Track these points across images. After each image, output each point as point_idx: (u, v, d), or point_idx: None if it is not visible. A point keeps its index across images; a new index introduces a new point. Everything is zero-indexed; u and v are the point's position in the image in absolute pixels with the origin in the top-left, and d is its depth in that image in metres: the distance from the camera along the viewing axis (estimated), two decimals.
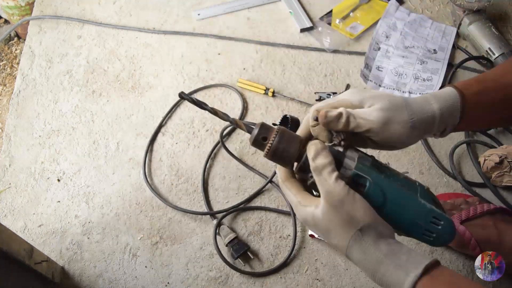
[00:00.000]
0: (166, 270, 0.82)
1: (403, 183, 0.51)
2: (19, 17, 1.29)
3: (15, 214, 0.88)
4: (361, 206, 0.47)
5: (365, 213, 0.47)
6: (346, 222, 0.47)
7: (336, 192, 0.47)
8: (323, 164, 0.48)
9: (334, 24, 1.17)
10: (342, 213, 0.47)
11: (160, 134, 0.99)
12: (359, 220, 0.47)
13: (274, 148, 0.51)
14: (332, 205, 0.47)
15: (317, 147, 0.49)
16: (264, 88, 1.03)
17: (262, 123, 0.53)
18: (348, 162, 0.50)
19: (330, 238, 0.49)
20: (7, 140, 0.98)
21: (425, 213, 0.49)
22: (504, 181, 0.88)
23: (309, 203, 0.50)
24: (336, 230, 0.48)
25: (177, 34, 1.16)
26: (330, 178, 0.48)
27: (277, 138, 0.51)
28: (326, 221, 0.48)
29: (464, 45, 1.14)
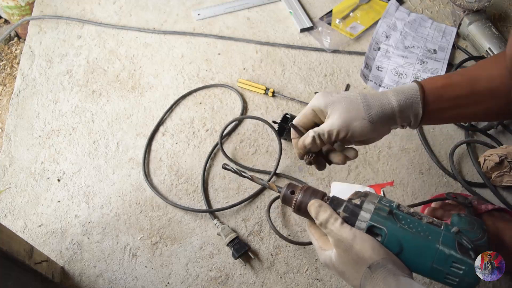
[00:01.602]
0: (166, 270, 0.82)
1: (423, 229, 0.53)
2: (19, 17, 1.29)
3: (15, 214, 0.88)
4: (369, 246, 0.50)
5: (373, 252, 0.50)
6: (356, 262, 0.50)
7: (343, 238, 0.51)
8: (325, 218, 0.54)
9: (334, 24, 1.17)
10: (352, 255, 0.51)
11: (160, 134, 0.99)
12: (367, 259, 0.50)
13: (299, 203, 0.58)
14: (342, 250, 0.52)
15: (315, 206, 0.55)
16: (264, 88, 1.03)
17: (290, 183, 0.61)
18: (363, 215, 0.54)
19: (346, 279, 0.53)
20: (7, 140, 0.98)
21: (444, 259, 0.51)
22: (504, 181, 0.88)
23: (328, 247, 0.54)
24: (348, 271, 0.52)
25: (177, 34, 1.16)
26: (334, 227, 0.52)
27: (301, 194, 0.58)
28: (340, 263, 0.52)
29: (464, 45, 1.14)
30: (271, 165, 0.94)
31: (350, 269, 0.51)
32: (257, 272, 0.82)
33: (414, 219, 0.54)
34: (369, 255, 0.49)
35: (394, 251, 0.52)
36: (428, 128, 0.99)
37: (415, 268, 0.53)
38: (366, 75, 1.07)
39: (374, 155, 0.95)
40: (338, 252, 0.52)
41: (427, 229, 0.53)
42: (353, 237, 0.51)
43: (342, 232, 0.52)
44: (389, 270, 0.49)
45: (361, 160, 0.94)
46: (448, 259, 0.51)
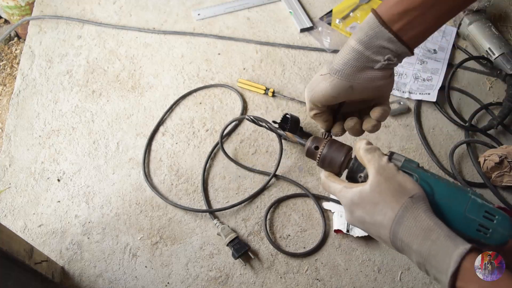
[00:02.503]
0: (166, 270, 0.82)
1: (452, 184, 0.52)
2: (19, 17, 1.29)
3: (15, 214, 0.88)
4: (411, 181, 0.50)
5: (415, 186, 0.49)
6: (398, 191, 0.49)
7: (388, 167, 0.50)
8: (374, 147, 0.53)
9: (334, 24, 1.17)
10: (394, 184, 0.49)
11: (160, 134, 0.99)
12: (410, 190, 0.49)
13: (323, 156, 0.57)
14: (384, 177, 0.50)
15: (368, 141, 0.54)
16: (264, 88, 1.03)
17: (314, 137, 0.59)
18: (395, 162, 0.53)
19: (377, 211, 0.50)
20: (7, 140, 0.98)
21: (477, 207, 0.49)
22: (504, 181, 0.88)
23: (355, 186, 0.52)
24: (386, 201, 0.49)
25: (177, 34, 1.16)
26: (381, 159, 0.51)
27: (326, 148, 0.57)
28: (376, 193, 0.50)
29: (464, 45, 1.14)
30: (271, 165, 0.94)
31: (390, 197, 0.49)
32: (257, 272, 0.82)
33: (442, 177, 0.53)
34: (412, 187, 0.49)
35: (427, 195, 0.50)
36: (428, 128, 0.99)
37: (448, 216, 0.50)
38: None
39: None
40: (378, 180, 0.50)
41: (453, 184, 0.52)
42: (396, 171, 0.50)
43: (389, 164, 0.51)
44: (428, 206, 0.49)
45: None
46: (481, 208, 0.49)
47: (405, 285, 0.80)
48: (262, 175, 0.92)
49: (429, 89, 1.04)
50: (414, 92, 1.04)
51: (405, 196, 0.48)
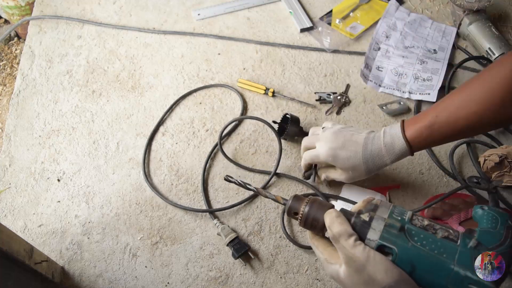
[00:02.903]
0: (166, 270, 0.82)
1: (438, 246, 0.49)
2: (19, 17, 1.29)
3: (15, 214, 0.88)
4: (383, 268, 0.48)
5: (386, 274, 0.47)
6: (367, 284, 0.48)
7: (356, 257, 0.49)
8: (338, 232, 0.50)
9: (334, 24, 1.17)
10: (364, 276, 0.48)
11: (160, 134, 0.99)
12: (380, 282, 0.48)
13: (306, 216, 0.56)
14: (354, 269, 0.49)
15: (331, 216, 0.52)
16: (264, 88, 1.03)
17: (295, 195, 0.58)
18: (372, 234, 0.50)
19: None
20: (7, 140, 0.98)
21: (460, 280, 0.48)
22: (504, 181, 0.88)
23: (335, 261, 0.52)
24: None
25: (177, 34, 1.16)
26: (347, 244, 0.49)
27: (307, 207, 0.56)
28: (349, 282, 0.50)
29: (464, 45, 1.14)
30: (271, 165, 0.94)
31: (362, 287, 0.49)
32: (257, 272, 0.82)
33: (428, 234, 0.50)
34: (382, 278, 0.48)
35: (406, 270, 0.49)
36: None
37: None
38: (366, 75, 1.07)
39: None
40: (349, 271, 0.50)
41: (441, 246, 0.49)
42: (366, 258, 0.48)
43: (356, 251, 0.49)
44: None
45: None
46: (464, 281, 0.47)
47: None
48: (262, 175, 0.92)
49: (429, 89, 1.04)
50: (414, 92, 1.04)
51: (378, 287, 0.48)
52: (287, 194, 0.90)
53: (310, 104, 1.02)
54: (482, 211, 0.55)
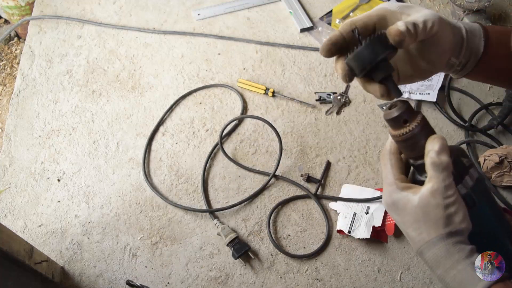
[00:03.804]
0: (166, 270, 0.82)
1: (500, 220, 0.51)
2: (19, 17, 1.29)
3: (15, 214, 0.88)
4: (462, 214, 0.47)
5: (463, 219, 0.47)
6: (442, 221, 0.47)
7: (446, 194, 0.47)
8: (446, 162, 0.47)
9: (334, 24, 1.17)
10: (441, 212, 0.47)
11: (160, 134, 0.99)
12: (455, 223, 0.47)
13: (411, 135, 0.48)
14: (436, 202, 0.47)
15: (444, 143, 0.48)
16: (264, 88, 1.03)
17: (405, 103, 0.49)
18: (467, 181, 0.49)
19: (413, 227, 0.48)
20: (7, 140, 0.98)
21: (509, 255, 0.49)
22: (504, 181, 0.88)
23: (407, 188, 0.49)
24: (426, 223, 0.47)
25: (177, 34, 1.16)
26: (447, 180, 0.47)
27: (418, 128, 0.48)
28: (420, 211, 0.47)
29: None
30: (271, 165, 0.94)
31: (431, 222, 0.47)
32: (257, 272, 0.82)
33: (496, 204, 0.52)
34: (459, 220, 0.47)
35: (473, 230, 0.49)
36: None
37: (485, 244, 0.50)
38: None
39: (374, 155, 0.94)
40: (429, 201, 0.47)
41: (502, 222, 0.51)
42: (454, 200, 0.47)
43: (449, 190, 0.47)
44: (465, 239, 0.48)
45: (361, 160, 0.94)
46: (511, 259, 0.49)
47: (405, 285, 0.80)
48: (262, 176, 0.92)
49: (429, 89, 1.04)
50: (414, 92, 1.04)
51: (447, 228, 0.47)
52: (287, 195, 0.90)
53: (310, 104, 1.02)
54: None
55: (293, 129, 0.99)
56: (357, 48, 0.47)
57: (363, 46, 0.46)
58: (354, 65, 0.48)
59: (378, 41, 0.46)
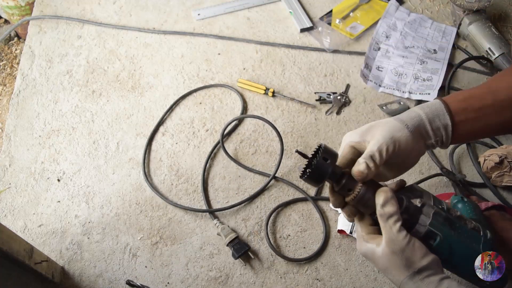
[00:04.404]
0: (166, 270, 0.82)
1: (469, 235, 0.56)
2: (19, 17, 1.29)
3: (15, 214, 0.88)
4: (419, 253, 0.52)
5: (422, 258, 0.52)
6: (404, 265, 0.52)
7: (398, 241, 0.52)
8: (390, 212, 0.53)
9: (334, 24, 1.17)
10: (402, 258, 0.52)
11: (160, 134, 0.99)
12: (416, 264, 0.52)
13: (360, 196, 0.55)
14: (393, 251, 0.53)
15: (387, 196, 0.53)
16: (264, 88, 1.03)
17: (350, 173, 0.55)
18: (423, 219, 0.54)
19: (386, 273, 0.55)
20: (7, 140, 0.98)
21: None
22: (504, 181, 0.88)
23: (372, 240, 0.55)
24: (393, 270, 0.53)
25: (177, 34, 1.16)
26: (394, 227, 0.53)
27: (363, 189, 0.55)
28: (385, 261, 0.53)
29: (464, 45, 1.14)
30: (271, 165, 0.94)
31: (395, 269, 0.53)
32: (257, 272, 0.82)
33: (462, 224, 0.57)
34: (418, 260, 0.52)
35: (444, 256, 0.54)
36: None
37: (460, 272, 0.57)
38: (366, 75, 1.07)
39: None
40: (387, 252, 0.53)
41: (471, 236, 0.56)
42: (407, 243, 0.52)
43: (399, 235, 0.52)
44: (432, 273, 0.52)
45: None
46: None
47: None
48: (262, 176, 0.92)
49: (429, 89, 1.04)
50: (414, 92, 1.04)
51: (411, 269, 0.52)
52: (287, 195, 0.90)
53: (310, 104, 1.02)
54: (463, 203, 0.69)
55: (293, 129, 0.99)
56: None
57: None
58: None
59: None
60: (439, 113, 0.59)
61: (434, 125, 0.59)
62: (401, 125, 0.57)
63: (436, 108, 0.59)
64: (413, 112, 0.59)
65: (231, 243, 0.82)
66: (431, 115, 0.59)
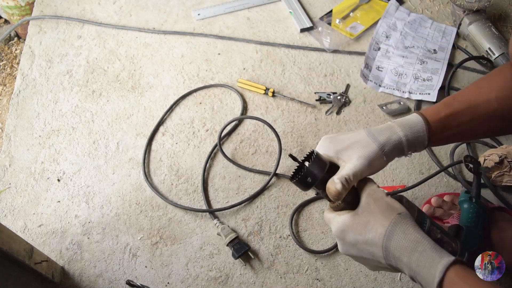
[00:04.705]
0: (166, 270, 0.82)
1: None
2: (19, 17, 1.29)
3: (15, 214, 0.88)
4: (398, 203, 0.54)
5: (402, 206, 0.54)
6: (387, 209, 0.53)
7: (378, 190, 0.56)
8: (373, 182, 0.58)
9: (334, 24, 1.17)
10: (383, 203, 0.54)
11: (160, 134, 0.99)
12: (398, 208, 0.54)
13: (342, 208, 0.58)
14: (374, 198, 0.55)
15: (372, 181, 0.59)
16: (264, 88, 1.03)
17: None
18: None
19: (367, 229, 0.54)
20: (7, 140, 0.98)
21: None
22: (504, 181, 0.88)
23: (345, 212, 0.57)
24: (376, 218, 0.53)
25: (177, 34, 1.16)
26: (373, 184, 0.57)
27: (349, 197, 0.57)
28: (366, 213, 0.54)
29: (464, 45, 1.14)
30: (271, 165, 0.94)
31: (379, 215, 0.53)
32: (257, 272, 0.82)
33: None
34: (399, 206, 0.54)
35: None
36: None
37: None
38: (366, 75, 1.07)
39: None
40: (368, 201, 0.55)
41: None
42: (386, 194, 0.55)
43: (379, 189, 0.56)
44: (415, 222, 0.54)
45: None
46: None
47: (405, 285, 0.80)
48: (262, 175, 0.92)
49: (429, 89, 1.04)
50: (414, 92, 1.04)
51: (394, 213, 0.53)
52: (287, 195, 0.90)
53: (310, 104, 1.02)
54: (469, 205, 0.69)
55: (293, 129, 0.99)
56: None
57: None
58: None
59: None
60: (420, 135, 0.62)
61: (411, 146, 0.62)
62: (379, 152, 0.59)
63: (418, 129, 0.62)
64: (393, 134, 0.61)
65: (231, 243, 0.82)
66: (412, 138, 0.61)
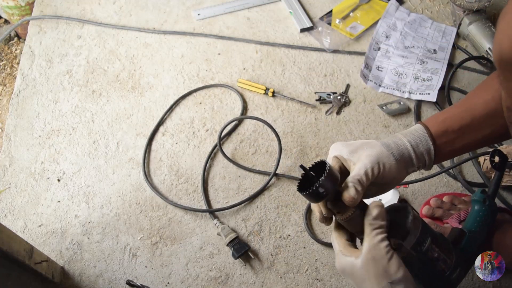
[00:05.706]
0: (166, 270, 0.82)
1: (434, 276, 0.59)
2: (19, 17, 1.29)
3: (15, 214, 0.88)
4: (396, 264, 0.54)
5: (397, 270, 0.54)
6: (381, 275, 0.54)
7: (379, 248, 0.54)
8: (379, 224, 0.56)
9: (334, 24, 1.17)
10: (379, 266, 0.54)
11: (160, 134, 0.99)
12: (391, 275, 0.54)
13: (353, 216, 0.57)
14: (374, 257, 0.54)
15: (381, 210, 0.56)
16: (264, 88, 1.03)
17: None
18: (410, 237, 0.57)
19: (364, 285, 0.56)
20: (7, 140, 0.98)
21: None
22: (504, 181, 0.88)
23: (350, 253, 0.57)
24: (370, 280, 0.55)
25: (177, 34, 1.16)
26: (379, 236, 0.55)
27: (357, 211, 0.57)
28: (364, 270, 0.55)
29: (464, 45, 1.14)
30: (271, 165, 0.94)
31: (373, 279, 0.54)
32: (257, 272, 0.82)
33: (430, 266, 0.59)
34: (394, 271, 0.54)
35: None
36: None
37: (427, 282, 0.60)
38: (366, 75, 1.07)
39: None
40: (367, 258, 0.55)
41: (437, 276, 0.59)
42: (387, 252, 0.54)
43: (381, 244, 0.54)
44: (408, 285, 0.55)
45: None
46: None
47: None
48: (262, 175, 0.92)
49: (429, 89, 1.04)
50: (414, 92, 1.04)
51: (385, 280, 0.54)
52: (287, 195, 0.90)
53: (310, 104, 1.02)
54: (479, 206, 0.67)
55: (293, 129, 0.99)
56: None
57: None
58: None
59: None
60: (422, 139, 0.62)
61: (418, 152, 0.62)
62: (387, 152, 0.60)
63: (419, 134, 0.63)
64: (398, 139, 0.62)
65: (231, 243, 0.82)
66: (414, 143, 0.62)
